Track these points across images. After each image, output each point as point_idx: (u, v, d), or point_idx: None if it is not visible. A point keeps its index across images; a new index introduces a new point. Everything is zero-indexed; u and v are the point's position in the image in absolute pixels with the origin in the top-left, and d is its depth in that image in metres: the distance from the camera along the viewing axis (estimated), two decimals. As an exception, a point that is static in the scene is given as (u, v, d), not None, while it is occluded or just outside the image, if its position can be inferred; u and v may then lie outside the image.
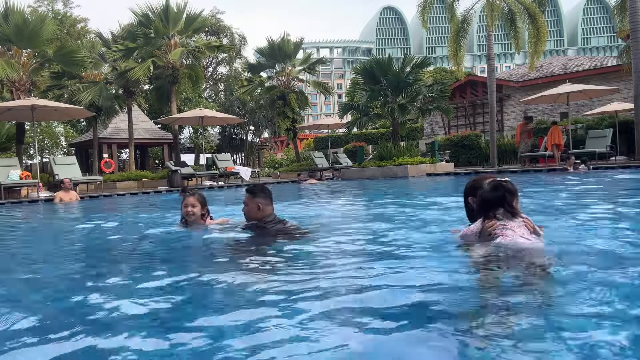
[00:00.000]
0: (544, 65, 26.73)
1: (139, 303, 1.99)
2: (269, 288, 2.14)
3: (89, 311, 1.95)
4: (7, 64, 15.17)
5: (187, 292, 2.26)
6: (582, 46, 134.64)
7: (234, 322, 1.71)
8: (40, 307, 2.10)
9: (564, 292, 1.94)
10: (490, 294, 1.96)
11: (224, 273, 2.51)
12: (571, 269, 2.29)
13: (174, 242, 3.99)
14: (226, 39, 35.41)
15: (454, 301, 1.88)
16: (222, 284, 2.32)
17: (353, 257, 2.94)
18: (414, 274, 2.35)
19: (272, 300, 1.96)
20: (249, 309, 1.84)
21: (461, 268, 2.46)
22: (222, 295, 2.18)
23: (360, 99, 17.92)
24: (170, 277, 2.56)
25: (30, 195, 13.30)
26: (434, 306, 1.82)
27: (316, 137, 36.59)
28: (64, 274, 2.93)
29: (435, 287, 2.09)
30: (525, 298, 1.85)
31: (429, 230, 3.84)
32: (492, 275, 2.22)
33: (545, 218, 4.01)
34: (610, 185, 8.35)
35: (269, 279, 2.34)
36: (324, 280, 2.22)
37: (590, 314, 1.64)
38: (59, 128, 34.27)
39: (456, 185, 11.05)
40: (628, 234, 3.31)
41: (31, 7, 31.89)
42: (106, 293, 2.22)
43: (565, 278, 2.14)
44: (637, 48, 14.42)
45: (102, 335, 1.63)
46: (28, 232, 6.31)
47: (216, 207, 5.99)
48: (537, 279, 2.17)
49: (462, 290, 2.03)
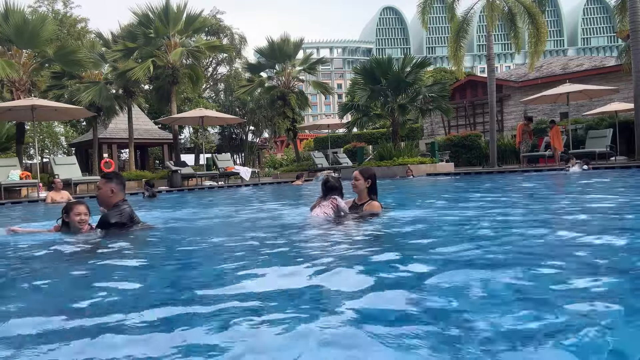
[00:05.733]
0: (544, 65, 26.74)
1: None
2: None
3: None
4: (7, 64, 15.17)
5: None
6: (582, 46, 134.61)
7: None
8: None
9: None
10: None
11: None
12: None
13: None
14: (226, 39, 35.39)
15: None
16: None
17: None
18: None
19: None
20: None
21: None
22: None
23: (360, 99, 17.94)
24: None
25: (30, 195, 13.30)
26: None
27: (316, 137, 36.60)
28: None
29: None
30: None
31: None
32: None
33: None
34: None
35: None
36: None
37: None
38: (59, 128, 34.23)
39: (455, 185, 11.05)
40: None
41: (31, 7, 31.91)
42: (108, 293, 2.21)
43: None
44: (637, 48, 14.42)
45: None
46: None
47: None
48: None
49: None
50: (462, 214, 4.90)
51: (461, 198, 7.31)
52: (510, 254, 2.80)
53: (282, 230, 4.41)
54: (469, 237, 3.49)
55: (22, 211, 9.33)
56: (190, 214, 6.73)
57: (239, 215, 6.18)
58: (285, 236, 3.96)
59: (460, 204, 6.31)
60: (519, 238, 3.30)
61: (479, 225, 4.01)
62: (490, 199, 6.90)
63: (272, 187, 14.67)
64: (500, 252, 2.82)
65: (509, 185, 9.75)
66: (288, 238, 3.84)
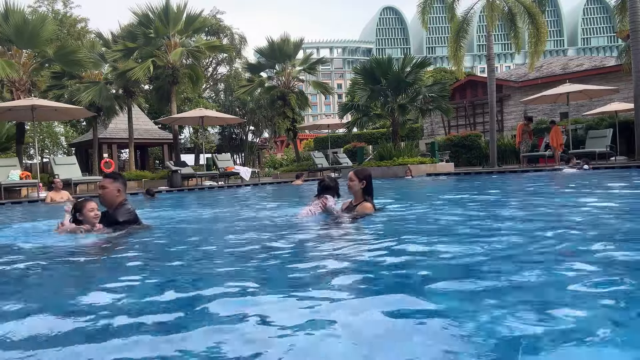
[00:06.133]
0: (544, 65, 26.74)
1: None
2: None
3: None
4: (7, 64, 15.18)
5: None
6: (582, 46, 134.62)
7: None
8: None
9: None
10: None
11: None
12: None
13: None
14: (226, 39, 35.39)
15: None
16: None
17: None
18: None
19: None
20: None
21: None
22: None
23: (360, 99, 17.94)
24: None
25: (30, 195, 13.30)
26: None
27: (316, 137, 36.60)
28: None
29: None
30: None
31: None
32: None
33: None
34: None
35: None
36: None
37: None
38: (59, 128, 34.22)
39: (456, 184, 11.05)
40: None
41: (31, 7, 31.91)
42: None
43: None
44: (637, 48, 14.42)
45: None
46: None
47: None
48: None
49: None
50: (454, 214, 4.90)
51: (456, 198, 7.31)
52: (498, 252, 2.80)
53: (264, 229, 4.42)
54: (459, 237, 3.48)
55: (22, 211, 9.33)
56: (189, 214, 6.73)
57: (238, 215, 6.19)
58: (266, 237, 3.93)
59: (454, 204, 6.31)
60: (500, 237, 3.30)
61: (469, 224, 4.01)
62: (474, 198, 6.90)
63: (272, 187, 14.67)
64: (487, 251, 2.82)
65: (488, 186, 9.75)
66: (270, 238, 3.83)
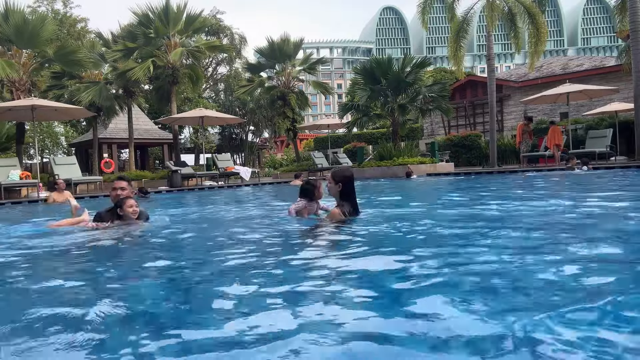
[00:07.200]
0: (544, 65, 26.74)
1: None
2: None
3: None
4: (7, 64, 15.18)
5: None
6: (582, 46, 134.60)
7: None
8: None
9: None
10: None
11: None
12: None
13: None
14: (226, 39, 35.39)
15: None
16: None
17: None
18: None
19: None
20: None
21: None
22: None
23: (360, 99, 17.94)
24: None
25: (30, 196, 13.30)
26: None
27: (316, 137, 36.59)
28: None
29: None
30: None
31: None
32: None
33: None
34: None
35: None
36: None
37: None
38: (59, 128, 34.22)
39: (456, 184, 11.05)
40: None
41: (31, 7, 31.87)
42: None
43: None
44: (637, 48, 14.42)
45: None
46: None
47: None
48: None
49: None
50: (440, 215, 4.90)
51: (445, 200, 7.31)
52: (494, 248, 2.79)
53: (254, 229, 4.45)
54: (439, 238, 3.46)
55: (22, 211, 9.33)
56: (187, 214, 6.73)
57: (236, 215, 6.21)
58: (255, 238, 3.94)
59: (445, 205, 6.31)
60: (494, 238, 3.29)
61: (453, 226, 3.95)
62: (462, 197, 6.90)
63: (272, 187, 14.67)
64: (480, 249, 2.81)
65: (483, 186, 9.74)
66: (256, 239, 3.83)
